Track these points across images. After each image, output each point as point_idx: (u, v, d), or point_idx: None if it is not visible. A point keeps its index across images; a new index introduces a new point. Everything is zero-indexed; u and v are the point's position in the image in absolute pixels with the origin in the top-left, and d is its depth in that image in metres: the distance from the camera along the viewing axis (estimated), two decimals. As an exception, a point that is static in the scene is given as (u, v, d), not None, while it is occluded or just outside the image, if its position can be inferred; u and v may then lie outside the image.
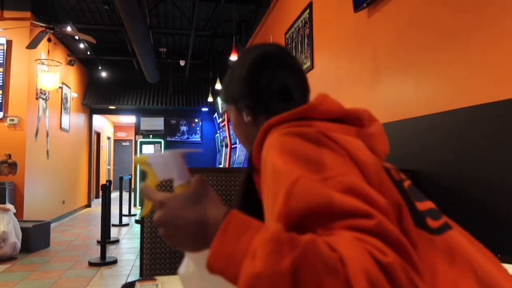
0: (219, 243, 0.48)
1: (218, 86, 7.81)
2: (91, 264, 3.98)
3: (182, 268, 0.59)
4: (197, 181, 0.56)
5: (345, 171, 0.54)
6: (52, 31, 5.25)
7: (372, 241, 0.45)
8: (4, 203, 4.55)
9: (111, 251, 4.60)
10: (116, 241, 5.20)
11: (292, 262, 0.42)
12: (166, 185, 1.58)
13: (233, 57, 5.53)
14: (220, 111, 7.36)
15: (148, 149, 9.31)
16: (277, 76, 0.80)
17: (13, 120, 5.53)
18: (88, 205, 9.34)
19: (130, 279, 3.48)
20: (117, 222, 6.58)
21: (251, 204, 0.71)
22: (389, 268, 0.42)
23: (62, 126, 7.27)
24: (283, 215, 0.51)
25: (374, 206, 0.49)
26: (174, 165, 0.59)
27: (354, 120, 0.72)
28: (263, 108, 0.79)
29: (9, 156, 4.53)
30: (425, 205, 0.65)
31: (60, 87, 7.02)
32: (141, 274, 1.65)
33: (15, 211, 4.35)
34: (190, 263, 0.58)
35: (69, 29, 5.51)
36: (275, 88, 0.79)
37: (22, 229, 4.37)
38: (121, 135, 14.76)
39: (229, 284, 0.48)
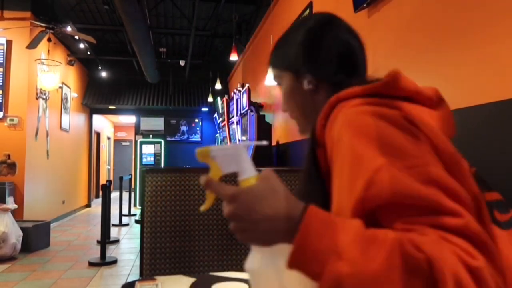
0: (302, 240, 0.47)
1: (218, 86, 7.82)
2: (91, 264, 3.98)
3: (250, 263, 0.57)
4: (267, 175, 0.54)
5: (429, 161, 0.51)
6: (52, 31, 5.25)
7: (460, 242, 0.43)
8: (4, 203, 4.55)
9: (111, 251, 4.60)
10: (116, 241, 5.20)
11: (379, 264, 0.42)
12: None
13: (233, 57, 5.54)
14: (220, 110, 7.36)
15: (148, 149, 9.30)
16: (342, 39, 0.74)
17: (13, 120, 5.53)
18: (88, 205, 9.35)
19: (130, 279, 3.48)
20: (117, 222, 6.58)
21: (316, 179, 0.69)
22: (478, 273, 0.41)
23: (62, 126, 7.27)
24: (360, 201, 0.50)
25: (460, 202, 0.46)
26: (239, 158, 0.58)
27: (426, 100, 0.65)
28: (326, 76, 0.73)
29: (8, 156, 4.52)
30: (493, 195, 0.61)
31: (60, 87, 7.02)
32: (141, 274, 1.65)
33: (16, 206, 4.35)
34: (260, 257, 0.56)
35: (69, 29, 5.51)
36: (340, 53, 0.73)
37: (22, 229, 4.37)
38: (121, 135, 14.77)
39: (301, 280, 0.48)
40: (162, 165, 9.20)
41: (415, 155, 0.51)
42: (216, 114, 8.52)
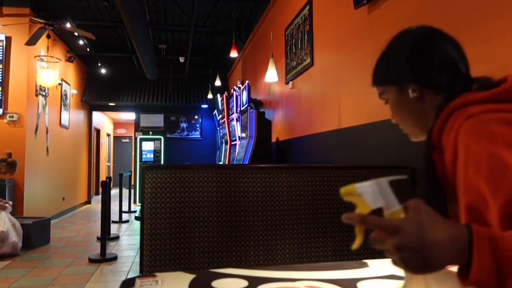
0: (479, 261, 0.50)
1: (217, 82, 7.80)
2: (91, 260, 3.99)
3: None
4: (418, 205, 0.56)
5: None
6: (52, 28, 5.23)
7: None
8: (4, 199, 4.55)
9: (111, 248, 4.61)
10: (116, 238, 5.21)
11: None
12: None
13: (233, 54, 5.52)
14: (219, 107, 7.35)
15: (148, 146, 9.30)
16: (442, 49, 0.78)
17: (12, 116, 5.53)
18: (88, 202, 9.36)
19: (130, 276, 3.49)
20: (117, 219, 6.59)
21: (433, 181, 0.72)
22: None
23: (62, 122, 7.26)
24: (508, 205, 0.53)
25: None
26: (385, 192, 0.60)
27: None
28: (429, 81, 0.77)
29: (9, 155, 4.50)
30: None
31: (60, 84, 7.01)
32: (141, 270, 1.66)
33: (10, 209, 4.34)
34: (423, 283, 0.60)
35: (68, 25, 5.49)
36: (441, 61, 0.77)
37: (22, 226, 4.37)
38: (120, 131, 14.76)
39: None
40: (162, 162, 9.20)
41: None
42: (216, 111, 8.51)
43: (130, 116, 11.07)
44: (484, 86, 0.71)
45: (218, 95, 7.63)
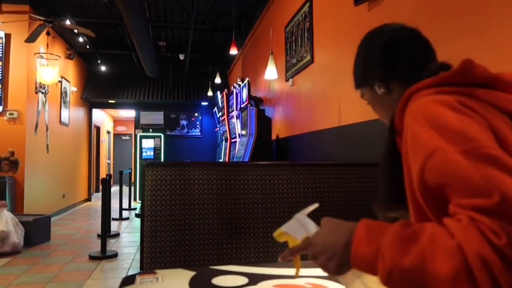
0: (356, 247, 0.60)
1: (217, 80, 7.79)
2: (92, 257, 4.00)
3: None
4: (324, 221, 0.70)
5: (486, 143, 0.55)
6: (51, 25, 5.22)
7: (487, 221, 0.47)
8: (4, 198, 4.56)
9: (112, 245, 4.62)
10: (117, 235, 5.22)
11: (415, 257, 0.50)
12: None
13: (233, 51, 5.52)
14: (219, 104, 7.35)
15: (148, 143, 9.30)
16: (401, 45, 0.84)
17: (12, 114, 5.52)
18: (88, 199, 9.37)
19: (130, 273, 3.50)
20: (117, 216, 6.60)
21: (395, 165, 0.75)
22: (504, 251, 0.45)
23: (62, 120, 7.26)
24: (418, 185, 0.58)
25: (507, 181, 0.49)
26: (303, 223, 0.74)
27: (504, 85, 0.69)
28: (392, 76, 0.82)
29: (12, 153, 4.50)
30: None
31: (60, 81, 7.00)
32: (141, 267, 1.66)
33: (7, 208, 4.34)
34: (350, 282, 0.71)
35: (68, 22, 5.48)
36: (401, 56, 0.83)
37: (23, 223, 4.37)
38: (120, 129, 14.75)
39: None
40: (162, 159, 9.20)
41: (473, 138, 0.55)
42: (215, 108, 8.50)
43: (130, 113, 11.06)
44: (438, 72, 0.76)
45: (218, 93, 7.62)
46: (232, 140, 6.18)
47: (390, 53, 0.83)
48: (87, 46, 7.58)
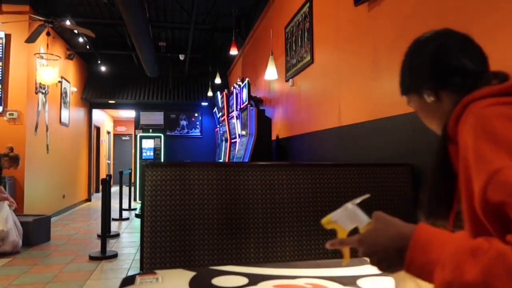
0: (412, 254, 0.59)
1: (217, 80, 7.79)
2: (92, 258, 3.99)
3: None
4: (377, 216, 0.69)
5: None
6: (51, 25, 5.22)
7: None
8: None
9: (112, 245, 4.62)
10: (117, 235, 5.22)
11: (480, 273, 0.50)
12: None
13: (233, 51, 5.52)
14: (219, 105, 7.34)
15: (148, 144, 9.30)
16: (453, 52, 0.82)
17: (12, 114, 5.52)
18: (88, 199, 9.37)
19: (130, 273, 3.49)
20: (117, 216, 6.59)
21: (447, 173, 0.75)
22: None
23: (62, 120, 7.26)
24: (480, 201, 0.57)
25: None
26: (353, 214, 0.73)
27: None
28: (443, 85, 0.81)
29: (11, 149, 4.48)
30: None
31: (60, 81, 7.00)
32: (141, 268, 1.66)
33: (14, 207, 4.34)
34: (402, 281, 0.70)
35: (68, 23, 5.48)
36: (453, 63, 0.80)
37: (22, 223, 4.37)
38: (120, 129, 14.75)
39: None
40: (162, 160, 9.20)
41: None
42: (215, 109, 8.50)
43: (130, 113, 11.06)
44: (501, 81, 0.73)
45: (218, 93, 7.62)
46: (232, 141, 6.18)
47: (440, 61, 0.82)
48: (87, 46, 7.58)
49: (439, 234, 0.59)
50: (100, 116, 11.26)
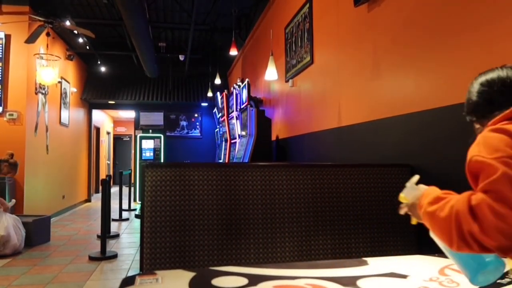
0: (419, 204, 0.97)
1: (217, 80, 7.79)
2: (92, 258, 3.99)
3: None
4: (425, 189, 1.02)
5: (498, 153, 0.82)
6: (51, 26, 5.22)
7: (477, 194, 0.79)
8: (4, 199, 4.55)
9: (111, 246, 4.62)
10: (116, 236, 5.22)
11: (445, 213, 0.83)
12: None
13: (233, 52, 5.52)
14: (219, 105, 7.34)
15: (148, 144, 9.30)
16: (486, 93, 1.05)
17: (12, 115, 5.52)
18: (88, 200, 9.36)
19: (130, 274, 3.49)
20: (117, 217, 6.59)
21: None
22: (475, 208, 0.77)
23: (62, 121, 7.26)
24: (468, 170, 0.88)
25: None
26: (413, 190, 1.06)
27: None
28: (483, 117, 1.05)
29: (11, 155, 4.51)
30: None
31: (59, 82, 7.00)
32: (141, 268, 1.66)
33: (14, 201, 4.33)
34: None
35: (68, 23, 5.48)
36: (491, 105, 1.03)
37: (22, 224, 4.36)
38: (120, 130, 14.75)
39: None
40: (162, 160, 9.20)
41: (495, 151, 0.83)
42: (215, 109, 8.50)
43: (130, 114, 11.06)
44: None
45: (218, 93, 7.62)
46: (232, 141, 6.18)
47: (490, 106, 1.04)
48: (87, 47, 7.58)
49: (435, 191, 0.96)
50: (100, 117, 11.26)
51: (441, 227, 0.85)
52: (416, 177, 1.11)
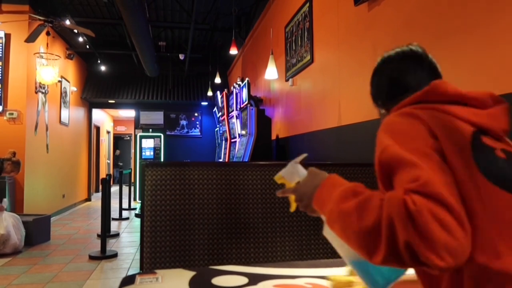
0: (318, 195, 0.82)
1: (217, 80, 7.79)
2: (92, 257, 3.99)
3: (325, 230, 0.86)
4: (310, 170, 0.91)
5: (420, 144, 0.73)
6: (51, 25, 5.22)
7: (413, 196, 0.63)
8: (5, 197, 4.55)
9: (111, 245, 4.62)
10: (116, 235, 5.22)
11: (352, 205, 0.69)
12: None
13: (233, 51, 5.52)
14: (219, 104, 7.34)
15: (148, 143, 9.30)
16: (392, 74, 0.98)
17: (12, 114, 5.52)
18: (88, 199, 9.37)
19: (130, 273, 3.50)
20: (117, 216, 6.60)
21: None
22: (416, 215, 0.60)
23: (62, 120, 7.26)
24: (378, 165, 0.76)
25: (426, 170, 0.66)
26: (295, 170, 0.92)
27: (473, 101, 0.82)
28: (392, 101, 0.96)
29: (14, 154, 4.51)
30: None
31: (59, 81, 7.00)
32: (141, 267, 1.66)
33: (6, 203, 4.33)
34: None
35: (68, 22, 5.47)
36: (402, 84, 0.95)
37: (22, 223, 4.37)
38: (120, 129, 14.76)
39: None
40: (162, 159, 9.20)
41: (412, 140, 0.74)
42: (215, 108, 8.50)
43: (130, 113, 11.05)
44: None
45: (218, 92, 7.62)
46: (232, 140, 6.18)
47: (392, 83, 0.97)
48: (87, 46, 7.58)
49: (340, 181, 0.81)
50: (100, 116, 11.26)
51: (363, 233, 0.65)
52: (303, 156, 0.97)
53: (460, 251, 0.60)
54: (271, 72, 4.46)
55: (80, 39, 7.16)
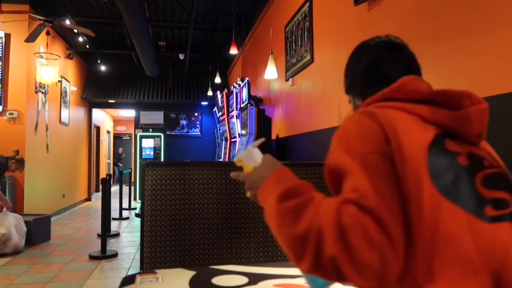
0: (263, 187, 0.78)
1: (217, 79, 7.79)
2: (92, 257, 4.00)
3: None
4: (264, 158, 0.88)
5: (365, 151, 0.69)
6: (51, 24, 5.22)
7: (347, 208, 0.60)
8: (5, 196, 4.55)
9: (112, 245, 4.62)
10: (117, 235, 5.22)
11: (292, 205, 0.66)
12: (166, 179, 1.57)
13: (233, 51, 5.52)
14: (219, 104, 7.34)
15: (148, 143, 9.30)
16: (366, 59, 0.93)
17: (12, 114, 5.52)
18: (88, 199, 9.37)
19: (130, 272, 3.50)
20: (117, 216, 6.60)
21: None
22: (347, 230, 0.57)
23: (62, 120, 7.26)
24: (326, 170, 0.75)
25: (365, 179, 0.64)
26: (253, 155, 0.89)
27: (445, 101, 0.76)
28: (367, 92, 0.90)
29: (17, 152, 4.52)
30: (496, 194, 0.67)
31: (59, 81, 7.00)
32: (141, 267, 1.66)
33: (11, 205, 4.34)
34: None
35: (67, 22, 5.48)
36: (379, 75, 0.90)
37: (22, 222, 4.37)
38: (120, 129, 14.76)
39: None
40: (162, 159, 9.20)
41: (362, 144, 0.71)
42: (215, 108, 8.50)
43: (130, 113, 11.05)
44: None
45: (218, 92, 7.62)
46: (232, 140, 6.18)
47: (370, 72, 0.91)
48: (87, 46, 7.58)
49: (289, 176, 0.77)
50: (100, 116, 11.26)
51: (294, 237, 0.62)
52: (261, 140, 0.95)
53: (386, 275, 0.57)
54: (271, 72, 4.46)
55: (80, 39, 7.16)
